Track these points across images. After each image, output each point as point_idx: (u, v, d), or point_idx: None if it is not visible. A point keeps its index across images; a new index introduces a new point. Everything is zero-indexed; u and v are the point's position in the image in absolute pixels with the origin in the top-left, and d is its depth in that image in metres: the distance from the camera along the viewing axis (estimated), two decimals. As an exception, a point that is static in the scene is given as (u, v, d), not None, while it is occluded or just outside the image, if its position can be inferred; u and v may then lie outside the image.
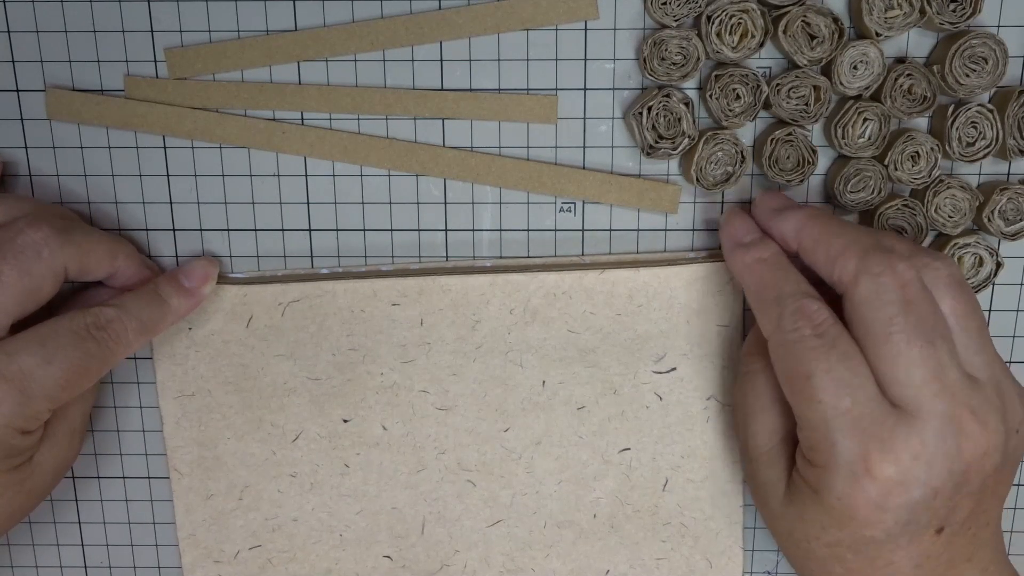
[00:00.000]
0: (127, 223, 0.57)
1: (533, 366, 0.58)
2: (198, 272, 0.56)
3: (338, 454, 0.59)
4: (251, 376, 0.58)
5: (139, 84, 0.55)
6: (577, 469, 0.59)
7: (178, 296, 0.55)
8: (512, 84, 0.55)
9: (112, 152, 0.56)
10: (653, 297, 0.57)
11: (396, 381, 0.58)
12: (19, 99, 0.55)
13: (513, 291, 0.57)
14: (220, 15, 0.54)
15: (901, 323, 0.46)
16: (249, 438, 0.59)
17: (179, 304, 0.55)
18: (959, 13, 0.52)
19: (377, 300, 0.57)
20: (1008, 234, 0.55)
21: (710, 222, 0.57)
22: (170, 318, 0.55)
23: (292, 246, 0.58)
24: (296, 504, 0.60)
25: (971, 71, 0.53)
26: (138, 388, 0.60)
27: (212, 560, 0.62)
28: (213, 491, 0.60)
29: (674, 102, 0.53)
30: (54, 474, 0.55)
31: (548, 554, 0.61)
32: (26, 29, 0.54)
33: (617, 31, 0.54)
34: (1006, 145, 0.54)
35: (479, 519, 0.61)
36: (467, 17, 0.54)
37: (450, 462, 0.59)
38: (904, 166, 0.54)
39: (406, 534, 0.61)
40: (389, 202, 0.57)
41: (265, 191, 0.57)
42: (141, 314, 0.53)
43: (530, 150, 0.56)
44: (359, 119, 0.55)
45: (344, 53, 0.54)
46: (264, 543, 0.61)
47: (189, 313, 0.56)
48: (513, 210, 0.57)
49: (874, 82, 0.53)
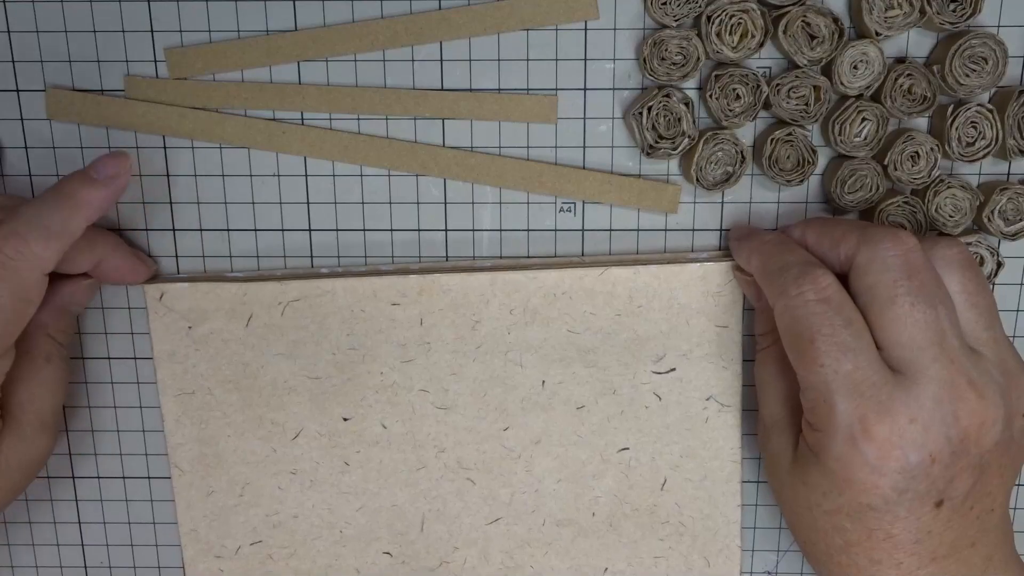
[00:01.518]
0: (127, 223, 0.57)
1: (533, 366, 0.58)
2: (107, 163, 0.53)
3: (338, 452, 0.59)
4: (251, 374, 0.58)
5: (139, 84, 0.55)
6: (576, 468, 0.59)
7: (86, 188, 0.52)
8: (512, 84, 0.55)
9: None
10: (653, 298, 0.57)
11: (396, 380, 0.58)
12: (19, 99, 0.55)
13: (513, 291, 0.57)
14: (220, 15, 0.54)
15: (906, 286, 0.47)
16: (249, 435, 0.59)
17: (88, 197, 0.51)
18: (959, 13, 0.52)
19: (377, 300, 0.57)
20: (1008, 234, 0.55)
21: (710, 222, 0.57)
22: (81, 214, 0.51)
23: (292, 246, 0.58)
24: (296, 501, 0.61)
25: (971, 71, 0.53)
26: (138, 388, 0.60)
27: (213, 555, 0.62)
28: (214, 488, 0.60)
29: (674, 102, 0.53)
30: (22, 471, 0.54)
31: (547, 551, 0.61)
32: (26, 29, 0.54)
33: (617, 31, 0.54)
34: (1006, 145, 0.54)
35: (478, 517, 0.61)
36: (467, 17, 0.54)
37: (450, 460, 0.60)
38: (904, 166, 0.54)
39: (406, 531, 0.61)
40: (389, 202, 0.57)
41: (265, 191, 0.57)
42: (42, 219, 0.50)
43: (530, 150, 0.56)
44: (359, 119, 0.55)
45: (344, 53, 0.54)
46: (265, 539, 0.61)
47: (106, 208, 0.53)
48: (513, 210, 0.57)
49: (874, 82, 0.53)
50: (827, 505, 0.50)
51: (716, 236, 0.57)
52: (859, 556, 0.50)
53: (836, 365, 0.47)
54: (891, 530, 0.49)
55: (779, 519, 0.62)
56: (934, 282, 0.48)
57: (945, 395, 0.47)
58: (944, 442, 0.47)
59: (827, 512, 0.50)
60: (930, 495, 0.48)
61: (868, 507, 0.48)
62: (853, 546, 0.50)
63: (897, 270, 0.48)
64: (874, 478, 0.47)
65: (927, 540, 0.49)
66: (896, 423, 0.47)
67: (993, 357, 0.49)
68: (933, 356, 0.47)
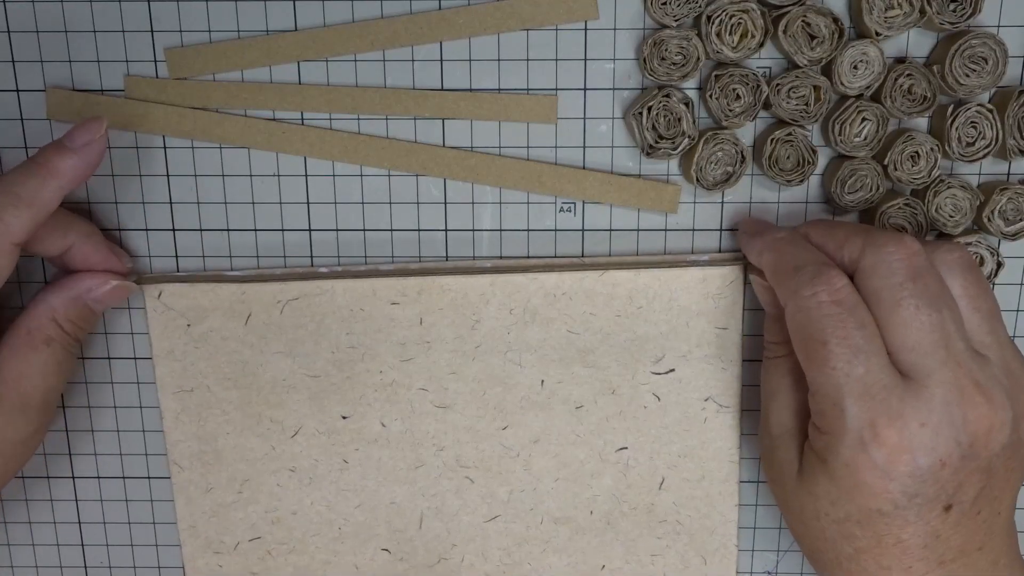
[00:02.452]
0: (127, 223, 0.57)
1: (532, 365, 0.58)
2: (81, 130, 0.52)
3: (337, 450, 0.60)
4: (250, 372, 0.58)
5: (139, 84, 0.55)
6: (575, 467, 0.60)
7: (60, 156, 0.51)
8: (512, 84, 0.55)
9: (112, 152, 0.56)
10: (653, 299, 0.57)
11: (395, 379, 0.58)
12: (19, 99, 0.55)
13: (513, 291, 0.57)
14: (220, 15, 0.54)
15: (911, 288, 0.47)
16: (249, 433, 0.59)
17: (62, 165, 0.51)
18: (959, 13, 0.52)
19: (376, 299, 0.57)
20: (1008, 234, 0.55)
21: (710, 222, 0.57)
22: (53, 182, 0.51)
23: (292, 246, 0.58)
24: (295, 498, 0.61)
25: (971, 71, 0.53)
26: (138, 388, 0.60)
27: (212, 551, 0.62)
28: (213, 484, 0.60)
29: (674, 102, 0.53)
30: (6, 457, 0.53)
31: (544, 549, 0.61)
32: (26, 29, 0.54)
33: (617, 31, 0.54)
34: (1006, 145, 0.54)
35: (477, 515, 0.61)
36: (467, 17, 0.54)
37: (448, 459, 0.60)
38: (904, 166, 0.54)
39: (404, 528, 0.61)
40: (389, 202, 0.57)
41: (265, 191, 0.57)
42: (13, 187, 0.49)
43: (530, 150, 0.56)
44: (359, 119, 0.55)
45: (344, 53, 0.54)
46: (264, 535, 0.61)
47: (80, 177, 0.52)
48: (513, 210, 0.57)
49: (874, 81, 0.53)
50: (836, 513, 0.50)
51: (716, 236, 0.57)
52: (868, 563, 0.50)
53: (848, 368, 0.47)
54: (901, 535, 0.49)
55: (779, 519, 0.62)
56: (938, 285, 0.48)
57: (954, 399, 0.47)
58: (954, 446, 0.47)
59: (836, 521, 0.50)
60: (939, 499, 0.48)
61: (878, 512, 0.48)
62: (863, 553, 0.50)
63: (902, 274, 0.47)
64: (884, 482, 0.47)
65: (935, 544, 0.49)
66: (907, 427, 0.47)
67: (998, 360, 0.49)
68: (941, 360, 0.47)
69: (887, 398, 0.47)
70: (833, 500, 0.49)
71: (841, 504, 0.49)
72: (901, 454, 0.47)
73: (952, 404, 0.47)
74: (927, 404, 0.47)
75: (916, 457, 0.47)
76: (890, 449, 0.47)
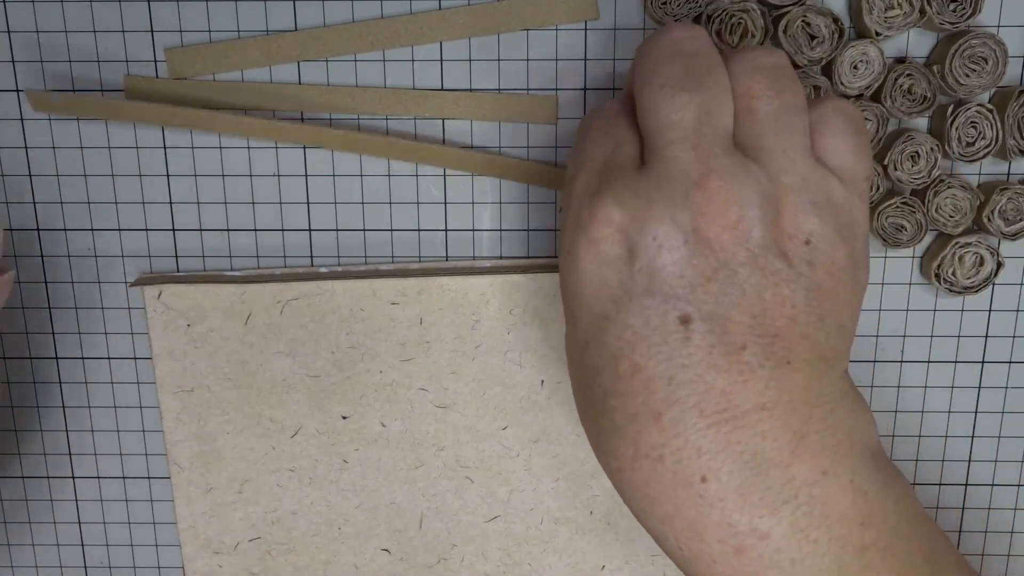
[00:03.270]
0: (127, 223, 0.57)
1: (532, 365, 0.58)
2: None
3: (337, 450, 0.60)
4: (250, 372, 0.58)
5: (139, 84, 0.55)
6: (575, 467, 0.60)
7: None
8: (512, 84, 0.55)
9: (112, 152, 0.56)
10: (652, 299, 0.57)
11: (395, 379, 0.58)
12: (19, 99, 0.55)
13: (513, 291, 0.57)
14: (220, 15, 0.54)
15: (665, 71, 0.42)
16: (248, 433, 0.59)
17: None
18: (959, 13, 0.52)
19: (376, 299, 0.57)
20: (1008, 234, 0.55)
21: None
22: None
23: (292, 246, 0.58)
24: (295, 498, 0.61)
25: (971, 71, 0.53)
26: (138, 388, 0.60)
27: (212, 551, 0.62)
28: (213, 484, 0.60)
29: (674, 103, 0.53)
30: None
31: (544, 549, 0.61)
32: (26, 29, 0.54)
33: (617, 31, 0.54)
34: (1006, 145, 0.54)
35: (477, 515, 0.61)
36: (467, 17, 0.54)
37: (448, 459, 0.60)
38: (904, 166, 0.54)
39: (404, 528, 0.61)
40: (389, 202, 0.57)
41: (265, 191, 0.57)
42: None
43: (530, 150, 0.56)
44: (359, 119, 0.55)
45: (344, 53, 0.54)
46: (263, 535, 0.61)
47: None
48: (513, 210, 0.57)
49: (874, 82, 0.53)
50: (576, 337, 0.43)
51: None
52: (617, 416, 0.41)
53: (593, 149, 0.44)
54: (635, 358, 0.40)
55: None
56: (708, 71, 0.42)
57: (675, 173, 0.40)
58: (671, 225, 0.40)
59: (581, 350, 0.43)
60: (668, 301, 0.40)
61: (603, 317, 0.41)
62: (610, 397, 0.41)
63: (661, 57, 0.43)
64: (597, 267, 0.41)
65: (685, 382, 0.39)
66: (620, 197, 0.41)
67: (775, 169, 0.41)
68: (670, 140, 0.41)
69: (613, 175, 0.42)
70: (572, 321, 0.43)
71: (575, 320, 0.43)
72: (607, 226, 0.40)
73: (673, 180, 0.40)
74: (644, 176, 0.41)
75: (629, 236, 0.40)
76: (599, 223, 0.41)
